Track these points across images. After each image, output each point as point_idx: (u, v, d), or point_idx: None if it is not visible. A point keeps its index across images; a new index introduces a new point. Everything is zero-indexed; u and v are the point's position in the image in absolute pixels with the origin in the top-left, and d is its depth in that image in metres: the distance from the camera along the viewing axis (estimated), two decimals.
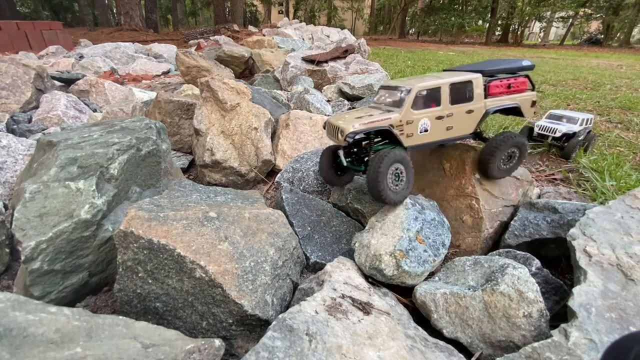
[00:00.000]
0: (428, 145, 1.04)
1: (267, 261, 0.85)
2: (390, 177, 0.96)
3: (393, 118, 0.97)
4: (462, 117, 1.03)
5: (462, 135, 1.06)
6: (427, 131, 1.01)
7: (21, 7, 16.82)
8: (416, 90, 0.98)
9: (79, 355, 0.51)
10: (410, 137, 1.00)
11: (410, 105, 0.98)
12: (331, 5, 23.33)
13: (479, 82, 1.02)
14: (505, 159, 1.08)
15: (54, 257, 0.83)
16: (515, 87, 1.08)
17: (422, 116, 0.99)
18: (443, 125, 1.02)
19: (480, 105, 1.03)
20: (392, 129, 0.97)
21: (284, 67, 3.13)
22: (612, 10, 15.84)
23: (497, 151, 1.05)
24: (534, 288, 0.76)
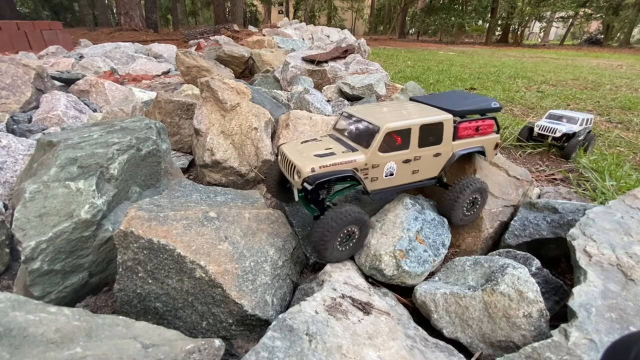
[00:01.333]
0: (391, 190, 0.96)
1: (267, 261, 0.85)
2: (341, 237, 0.87)
3: (358, 161, 0.88)
4: (429, 160, 0.96)
5: (426, 179, 1.00)
6: (393, 175, 0.93)
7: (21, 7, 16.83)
8: (385, 130, 0.88)
9: (79, 355, 0.51)
10: (374, 182, 0.92)
11: (378, 147, 0.89)
12: (331, 5, 23.32)
13: (449, 124, 0.96)
14: (467, 206, 1.02)
15: (54, 257, 0.83)
16: (482, 129, 1.03)
17: (389, 159, 0.90)
18: (409, 168, 0.94)
19: (448, 148, 0.98)
20: (356, 173, 0.88)
21: (284, 67, 3.13)
22: (612, 10, 15.83)
23: (459, 200, 0.98)
24: (534, 288, 0.76)
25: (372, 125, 0.91)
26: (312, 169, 0.84)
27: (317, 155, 0.89)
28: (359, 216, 0.87)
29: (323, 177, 0.84)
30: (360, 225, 0.89)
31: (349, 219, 0.85)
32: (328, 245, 0.85)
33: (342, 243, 0.89)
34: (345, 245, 0.90)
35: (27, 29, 5.87)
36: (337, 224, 0.83)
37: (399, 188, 0.97)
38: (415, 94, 2.44)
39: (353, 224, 0.87)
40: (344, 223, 0.84)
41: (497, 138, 1.07)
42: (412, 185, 0.98)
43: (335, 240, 0.86)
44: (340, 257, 0.91)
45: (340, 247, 0.89)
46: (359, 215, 0.87)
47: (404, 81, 3.84)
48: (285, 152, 0.93)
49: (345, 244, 0.90)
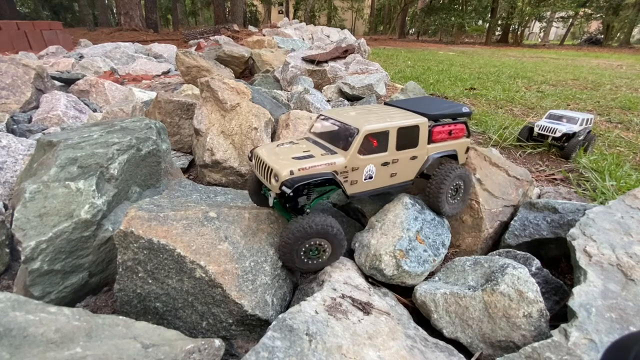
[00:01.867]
0: (370, 193, 0.94)
1: (267, 261, 0.85)
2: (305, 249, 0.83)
3: (338, 163, 0.86)
4: (406, 163, 0.96)
5: (404, 181, 0.99)
6: (372, 178, 0.92)
7: (21, 7, 16.83)
8: (364, 132, 0.87)
9: (79, 355, 0.51)
10: (354, 185, 0.90)
11: (357, 149, 0.87)
12: (331, 5, 23.32)
13: (425, 127, 0.97)
14: (452, 193, 1.03)
15: (54, 257, 0.83)
16: (455, 133, 1.05)
17: (368, 162, 0.89)
18: (388, 171, 0.94)
19: (423, 151, 0.98)
20: (335, 176, 0.85)
21: (284, 67, 3.13)
22: (612, 10, 15.84)
23: (443, 187, 0.98)
24: (534, 288, 0.76)
25: (351, 128, 0.89)
26: (290, 172, 0.80)
27: (296, 157, 0.86)
28: (326, 229, 0.82)
29: (302, 181, 0.80)
30: (330, 240, 0.84)
31: (310, 232, 0.80)
32: (289, 257, 0.82)
33: (308, 256, 0.85)
34: (314, 259, 0.86)
35: (27, 29, 5.87)
36: (295, 237, 0.79)
37: (377, 191, 0.96)
38: (416, 94, 2.44)
39: (318, 237, 0.82)
40: (305, 236, 0.80)
41: (468, 142, 1.09)
42: (389, 188, 0.97)
43: (298, 252, 0.82)
44: (311, 268, 0.88)
45: (306, 260, 0.85)
46: (325, 228, 0.81)
47: (404, 81, 3.84)
48: (261, 156, 0.89)
49: (314, 258, 0.86)
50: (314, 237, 0.82)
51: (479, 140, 2.15)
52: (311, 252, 0.85)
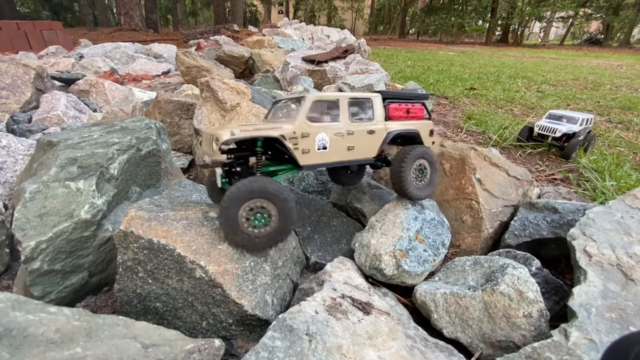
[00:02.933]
0: (327, 165, 0.89)
1: (267, 261, 0.85)
2: (248, 213, 0.77)
3: (285, 128, 0.82)
4: (364, 137, 0.93)
5: (364, 158, 0.95)
6: (326, 149, 0.87)
7: (21, 7, 16.83)
8: (312, 98, 0.86)
9: (79, 355, 0.51)
10: (306, 154, 0.85)
11: (305, 115, 0.85)
12: (331, 5, 23.33)
13: (378, 102, 0.96)
14: (417, 175, 0.99)
15: (54, 257, 0.83)
16: (413, 112, 1.03)
17: (320, 130, 0.86)
18: (344, 143, 0.90)
19: (381, 126, 0.96)
20: (283, 140, 0.81)
21: (284, 67, 3.13)
22: (612, 10, 15.84)
23: (403, 169, 0.94)
24: (534, 288, 0.76)
25: (299, 97, 0.89)
26: (231, 132, 0.76)
27: (242, 125, 0.85)
28: (265, 187, 0.76)
29: (242, 139, 0.78)
30: (272, 200, 0.77)
31: (246, 190, 0.74)
32: (230, 226, 0.76)
33: (253, 224, 0.78)
34: (260, 227, 0.79)
35: (27, 29, 5.87)
36: (232, 197, 0.74)
37: (335, 164, 0.90)
38: None
39: (258, 197, 0.76)
40: (243, 195, 0.74)
41: (429, 124, 1.06)
42: (349, 162, 0.93)
43: (239, 219, 0.76)
44: (258, 243, 0.80)
45: (251, 229, 0.78)
46: (264, 185, 0.76)
47: (404, 81, 3.84)
48: (207, 130, 0.87)
49: (259, 227, 0.79)
50: (253, 197, 0.76)
51: (479, 140, 2.15)
52: (255, 219, 0.78)
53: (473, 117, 2.56)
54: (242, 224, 0.77)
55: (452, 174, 1.19)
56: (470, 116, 2.61)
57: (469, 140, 2.14)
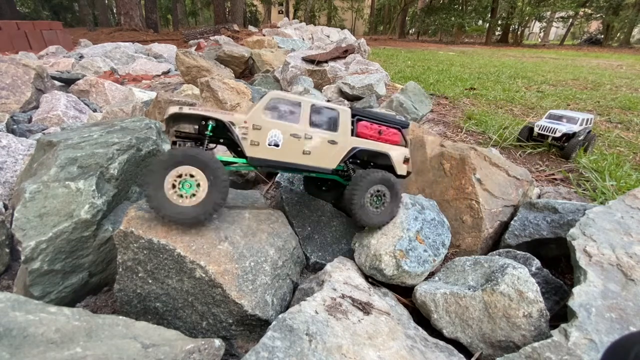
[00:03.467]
0: (278, 164, 0.86)
1: (267, 261, 0.85)
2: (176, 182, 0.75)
3: (237, 116, 0.82)
4: (324, 145, 0.90)
5: (322, 166, 0.91)
6: (278, 147, 0.85)
7: (21, 7, 16.84)
8: (272, 95, 0.86)
9: (79, 355, 0.51)
10: (255, 146, 0.83)
11: (262, 109, 0.84)
12: (331, 5, 23.33)
13: (345, 115, 0.93)
14: (373, 201, 0.94)
15: (54, 257, 0.83)
16: (386, 135, 0.98)
17: (274, 126, 0.84)
18: (299, 146, 0.87)
19: (345, 139, 0.92)
20: (232, 126, 0.80)
21: (284, 67, 3.13)
22: (612, 10, 15.84)
23: (355, 193, 0.90)
24: (534, 288, 0.76)
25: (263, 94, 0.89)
26: (180, 108, 0.78)
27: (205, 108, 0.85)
28: (192, 154, 0.74)
29: (186, 116, 0.80)
30: (201, 168, 0.75)
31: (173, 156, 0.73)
32: (155, 193, 0.73)
33: (180, 194, 0.75)
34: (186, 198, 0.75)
35: (27, 29, 5.87)
36: (159, 162, 0.73)
37: (287, 165, 0.87)
38: (416, 93, 2.44)
39: (186, 164, 0.74)
40: (169, 161, 0.73)
41: (405, 151, 1.00)
42: (303, 166, 0.89)
43: (165, 186, 0.73)
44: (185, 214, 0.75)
45: (178, 198, 0.75)
46: (190, 152, 0.74)
47: (404, 81, 3.84)
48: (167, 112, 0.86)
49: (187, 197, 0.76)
50: (181, 163, 0.74)
51: (479, 140, 2.15)
52: (183, 187, 0.75)
53: (473, 117, 2.56)
54: (169, 194, 0.74)
55: (452, 174, 1.19)
56: (470, 116, 2.61)
57: (469, 140, 2.14)
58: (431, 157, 1.28)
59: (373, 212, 0.94)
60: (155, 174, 0.73)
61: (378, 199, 0.95)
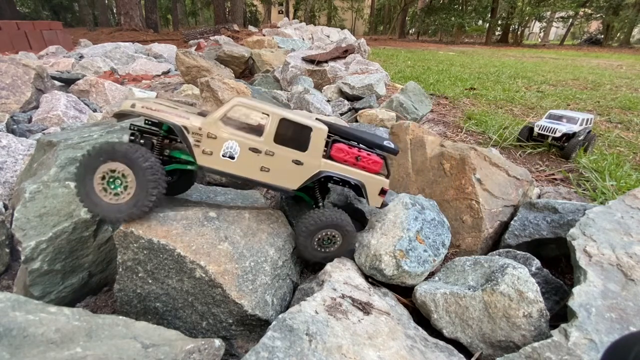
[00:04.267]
0: (233, 176, 0.82)
1: (267, 261, 0.85)
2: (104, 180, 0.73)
3: (192, 121, 0.76)
4: (287, 164, 0.83)
5: (281, 185, 0.85)
6: (234, 159, 0.80)
7: (21, 7, 16.84)
8: (235, 102, 0.78)
9: (79, 355, 0.51)
10: (207, 156, 0.78)
11: (221, 116, 0.78)
12: (331, 5, 23.33)
13: (320, 134, 0.83)
14: (322, 243, 0.90)
15: (54, 257, 0.83)
16: (364, 162, 0.89)
17: (231, 137, 0.78)
18: (257, 162, 0.81)
19: (313, 161, 0.84)
20: (184, 132, 0.76)
21: (284, 67, 3.13)
22: (612, 10, 15.84)
23: (303, 234, 0.86)
24: (534, 288, 0.76)
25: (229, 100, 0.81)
26: (132, 105, 0.74)
27: (156, 102, 0.80)
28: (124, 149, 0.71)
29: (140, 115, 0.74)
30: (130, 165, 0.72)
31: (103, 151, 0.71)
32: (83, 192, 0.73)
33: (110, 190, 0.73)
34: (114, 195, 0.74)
35: (27, 29, 5.87)
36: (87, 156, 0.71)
37: (242, 178, 0.83)
38: (416, 93, 2.44)
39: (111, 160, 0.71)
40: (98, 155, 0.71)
41: (384, 182, 0.90)
42: (259, 182, 0.84)
43: (92, 184, 0.72)
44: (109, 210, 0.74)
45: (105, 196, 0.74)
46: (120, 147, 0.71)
47: (404, 81, 3.84)
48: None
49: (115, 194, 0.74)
50: (112, 159, 0.71)
51: (479, 140, 2.15)
52: (111, 184, 0.74)
53: (473, 117, 2.56)
54: (95, 193, 0.73)
55: (452, 174, 1.19)
56: (470, 116, 2.61)
57: (469, 140, 2.14)
58: (431, 157, 1.28)
59: (317, 249, 0.90)
60: (84, 170, 0.72)
61: (328, 240, 0.90)
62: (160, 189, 0.74)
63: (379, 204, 0.93)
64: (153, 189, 0.73)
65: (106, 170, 0.73)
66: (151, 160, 0.73)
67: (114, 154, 0.71)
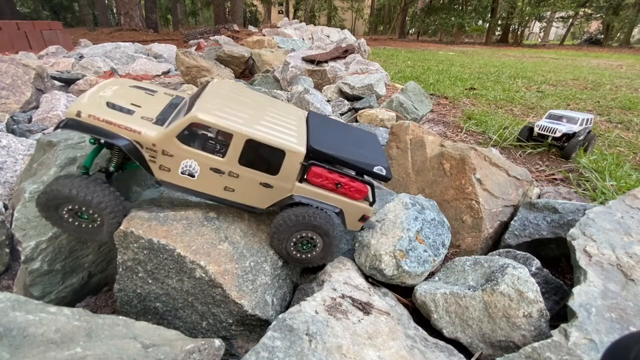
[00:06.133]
0: (193, 193, 0.77)
1: (267, 261, 0.85)
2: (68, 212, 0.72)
3: (145, 135, 0.69)
4: (253, 186, 0.77)
5: (248, 205, 0.80)
6: (194, 177, 0.75)
7: (21, 7, 16.85)
8: (192, 119, 0.69)
9: (79, 355, 0.51)
10: (165, 172, 0.74)
11: (178, 132, 0.70)
12: (331, 5, 23.33)
13: (294, 159, 0.75)
14: (299, 247, 0.83)
15: (54, 257, 0.83)
16: (345, 189, 0.80)
17: (189, 156, 0.72)
18: (220, 182, 0.76)
19: (285, 185, 0.77)
20: (138, 147, 0.70)
21: (284, 67, 3.13)
22: (612, 10, 15.84)
23: (275, 237, 0.81)
24: (534, 288, 0.76)
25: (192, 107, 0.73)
26: (78, 113, 0.67)
27: (110, 104, 0.73)
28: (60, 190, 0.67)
29: (85, 130, 0.67)
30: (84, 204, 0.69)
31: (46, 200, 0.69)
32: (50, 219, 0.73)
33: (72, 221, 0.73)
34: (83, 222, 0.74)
35: (27, 29, 5.87)
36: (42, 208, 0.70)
37: (204, 196, 0.78)
38: (416, 93, 2.44)
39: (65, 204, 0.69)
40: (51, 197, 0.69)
41: (367, 210, 0.83)
42: (223, 201, 0.79)
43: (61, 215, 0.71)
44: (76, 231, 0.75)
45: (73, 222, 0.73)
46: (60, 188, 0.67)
47: (404, 81, 3.84)
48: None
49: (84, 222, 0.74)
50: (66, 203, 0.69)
51: (479, 140, 2.15)
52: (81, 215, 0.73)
53: (473, 117, 2.56)
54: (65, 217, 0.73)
55: (452, 174, 1.19)
56: (470, 116, 2.61)
57: (469, 140, 2.15)
58: (431, 157, 1.28)
59: (301, 257, 0.84)
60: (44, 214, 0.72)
61: (307, 243, 0.83)
62: (119, 217, 0.75)
63: (357, 229, 0.87)
64: (112, 219, 0.74)
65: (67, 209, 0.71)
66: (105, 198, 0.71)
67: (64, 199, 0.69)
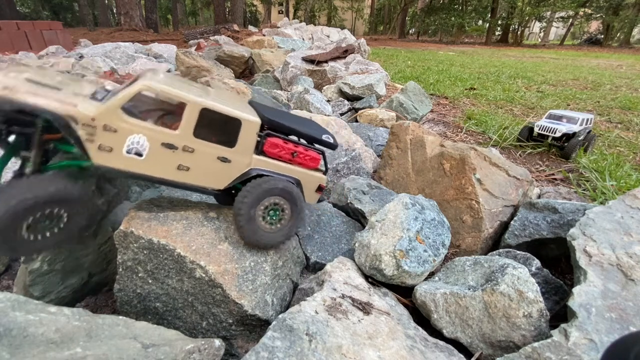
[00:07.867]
0: (139, 176, 0.69)
1: (267, 261, 0.85)
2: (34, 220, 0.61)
3: (82, 109, 0.60)
4: (210, 162, 0.72)
5: (204, 186, 0.75)
6: (142, 157, 0.66)
7: (21, 7, 16.84)
8: (143, 87, 0.63)
9: (79, 355, 0.51)
10: (106, 152, 0.64)
11: (123, 102, 0.62)
12: (331, 5, 23.33)
13: (250, 128, 0.73)
14: (267, 215, 0.79)
15: (54, 257, 0.83)
16: (300, 159, 0.81)
17: (137, 129, 0.64)
18: (173, 160, 0.69)
19: (243, 159, 0.75)
20: (72, 123, 0.59)
21: (284, 67, 3.13)
22: (612, 10, 15.84)
23: (245, 202, 0.74)
24: (534, 288, 0.76)
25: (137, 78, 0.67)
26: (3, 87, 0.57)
27: (31, 80, 0.62)
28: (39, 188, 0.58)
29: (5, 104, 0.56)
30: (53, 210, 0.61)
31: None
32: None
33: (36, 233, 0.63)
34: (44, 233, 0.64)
35: (27, 29, 5.87)
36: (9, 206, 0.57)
37: (153, 179, 0.70)
38: (416, 93, 2.44)
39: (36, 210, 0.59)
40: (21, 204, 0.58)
41: (321, 179, 0.84)
42: (176, 183, 0.73)
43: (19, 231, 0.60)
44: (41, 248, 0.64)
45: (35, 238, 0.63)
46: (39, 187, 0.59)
47: (404, 81, 3.84)
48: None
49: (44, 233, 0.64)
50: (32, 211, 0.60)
51: (479, 140, 2.15)
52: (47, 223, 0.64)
53: (473, 117, 2.56)
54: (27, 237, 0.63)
55: (452, 174, 1.19)
56: (470, 116, 2.61)
57: (469, 140, 2.15)
58: (431, 157, 1.28)
59: (265, 229, 0.80)
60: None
61: (274, 213, 0.80)
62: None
63: (315, 201, 0.87)
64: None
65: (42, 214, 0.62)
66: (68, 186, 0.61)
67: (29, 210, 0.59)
